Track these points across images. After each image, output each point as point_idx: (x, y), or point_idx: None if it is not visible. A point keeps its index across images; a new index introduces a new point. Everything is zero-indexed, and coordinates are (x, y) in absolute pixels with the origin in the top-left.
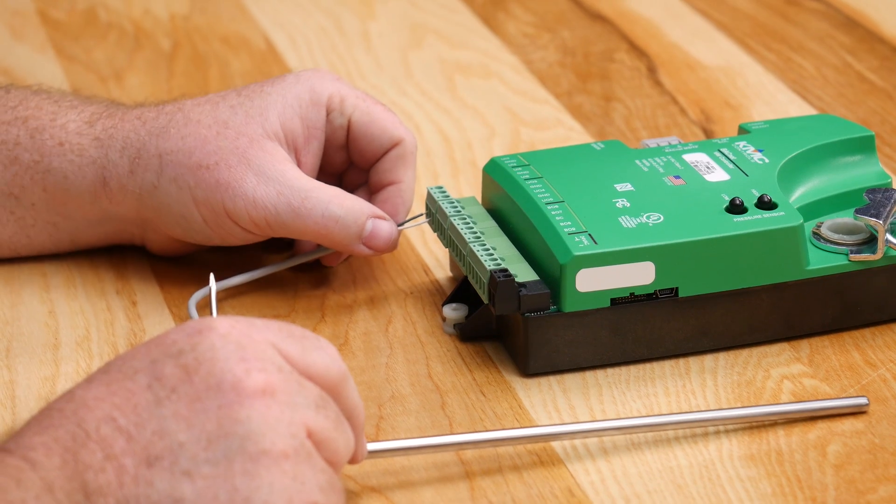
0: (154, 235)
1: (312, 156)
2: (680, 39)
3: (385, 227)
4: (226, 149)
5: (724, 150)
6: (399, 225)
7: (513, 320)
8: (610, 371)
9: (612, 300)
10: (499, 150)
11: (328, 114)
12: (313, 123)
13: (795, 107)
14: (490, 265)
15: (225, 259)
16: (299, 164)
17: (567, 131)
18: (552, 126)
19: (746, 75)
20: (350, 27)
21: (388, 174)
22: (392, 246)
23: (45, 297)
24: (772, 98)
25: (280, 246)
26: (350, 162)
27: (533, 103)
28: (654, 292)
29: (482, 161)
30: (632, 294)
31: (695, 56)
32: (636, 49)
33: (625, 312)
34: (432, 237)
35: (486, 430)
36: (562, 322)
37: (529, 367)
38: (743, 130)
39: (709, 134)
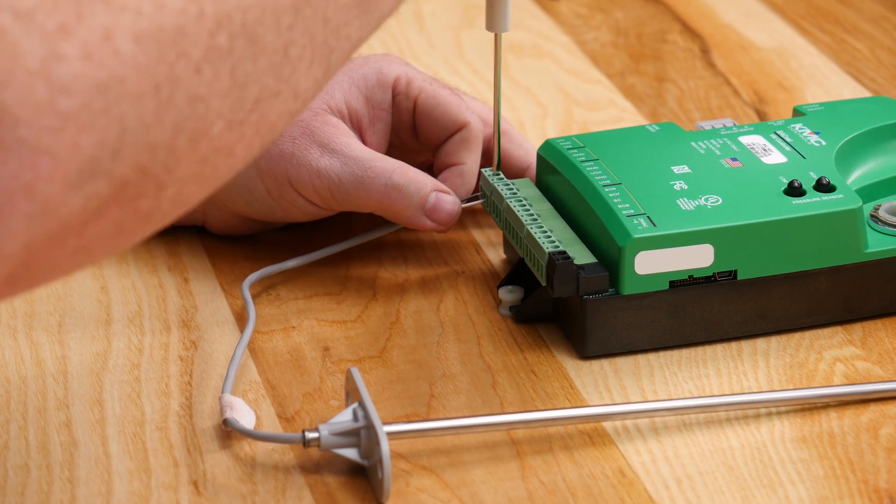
0: (216, 212)
1: (378, 136)
2: (733, 20)
3: (448, 201)
4: None
5: (781, 133)
6: (462, 201)
7: (570, 303)
8: (662, 353)
9: (671, 283)
10: (551, 130)
11: (394, 96)
12: (378, 104)
13: (849, 89)
14: (548, 247)
15: (278, 241)
16: (365, 143)
17: (619, 112)
18: (605, 106)
19: (800, 57)
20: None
21: (451, 156)
22: (453, 220)
23: (97, 273)
24: (825, 80)
25: (333, 228)
26: (419, 144)
27: (585, 84)
28: (713, 275)
29: (535, 140)
30: (690, 277)
31: (748, 37)
32: (689, 30)
33: (683, 295)
34: (484, 218)
35: (538, 410)
36: (620, 305)
37: (587, 349)
38: (798, 113)
39: (762, 116)
